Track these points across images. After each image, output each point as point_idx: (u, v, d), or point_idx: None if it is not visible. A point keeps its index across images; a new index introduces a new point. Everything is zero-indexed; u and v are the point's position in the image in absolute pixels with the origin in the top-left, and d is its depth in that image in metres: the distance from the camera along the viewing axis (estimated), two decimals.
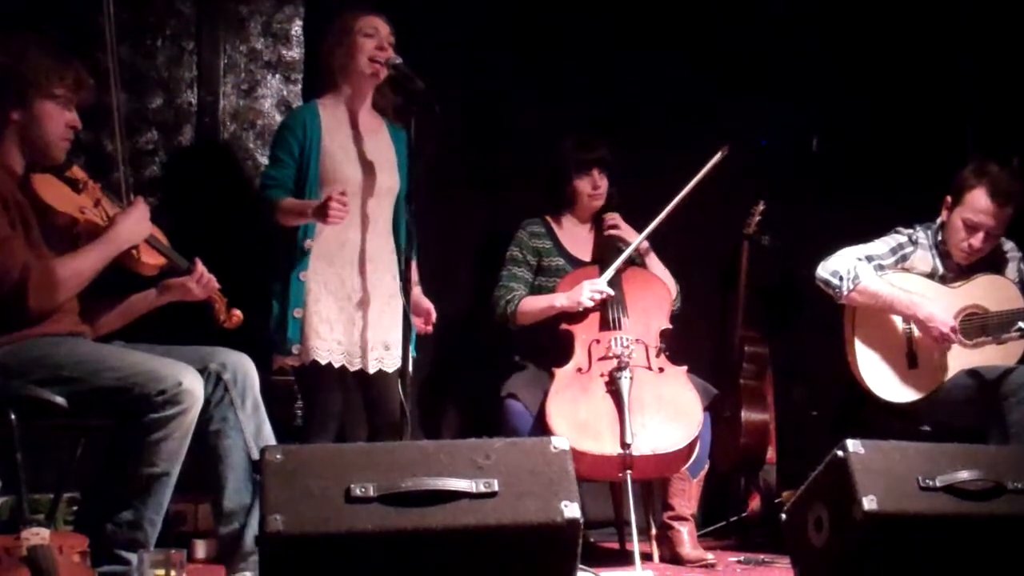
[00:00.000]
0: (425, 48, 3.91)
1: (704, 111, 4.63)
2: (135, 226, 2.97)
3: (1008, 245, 3.98)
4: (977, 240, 3.84)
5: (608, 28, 4.62)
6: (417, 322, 3.76)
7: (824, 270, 3.90)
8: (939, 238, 3.95)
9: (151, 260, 3.03)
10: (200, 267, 3.11)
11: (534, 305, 3.95)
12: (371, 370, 3.60)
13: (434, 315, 3.80)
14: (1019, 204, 3.83)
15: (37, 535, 2.45)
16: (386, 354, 3.61)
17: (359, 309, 3.60)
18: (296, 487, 2.26)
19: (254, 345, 3.15)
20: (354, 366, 3.59)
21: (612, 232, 4.04)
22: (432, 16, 4.26)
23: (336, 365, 3.56)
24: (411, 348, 3.62)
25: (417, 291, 3.78)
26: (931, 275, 3.93)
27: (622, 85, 4.58)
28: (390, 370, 3.60)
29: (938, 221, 3.96)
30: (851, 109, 4.83)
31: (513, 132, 4.41)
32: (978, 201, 3.81)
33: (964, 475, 2.64)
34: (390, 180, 3.70)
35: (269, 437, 2.93)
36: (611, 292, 3.84)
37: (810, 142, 4.79)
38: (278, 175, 3.60)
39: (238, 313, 3.22)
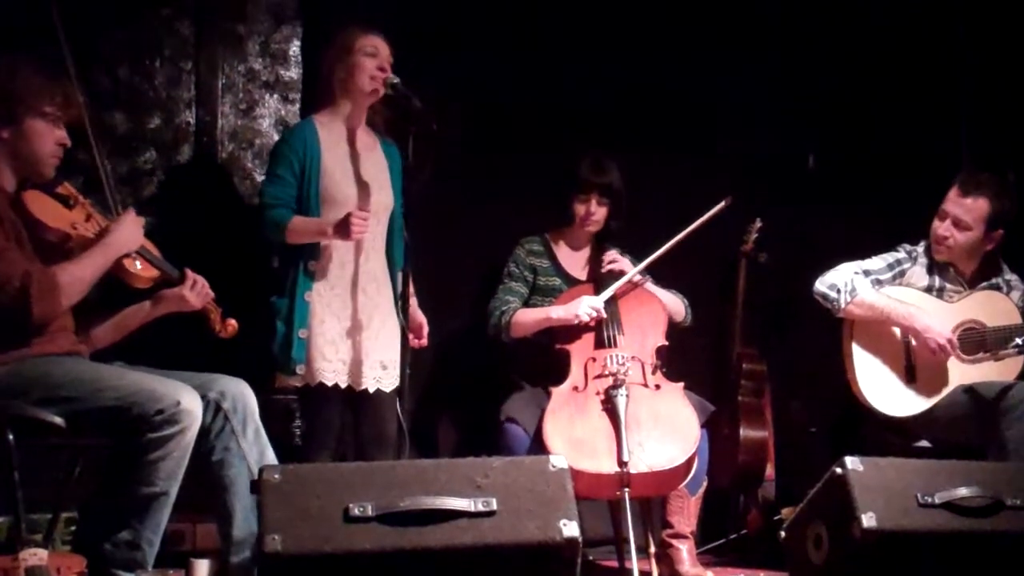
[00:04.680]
0: (423, 63, 3.91)
1: (702, 126, 4.64)
2: (129, 232, 3.00)
3: (1011, 275, 3.99)
4: (943, 228, 3.87)
5: (611, 43, 4.63)
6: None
7: (822, 284, 3.92)
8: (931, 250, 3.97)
9: (144, 272, 3.04)
10: (191, 275, 3.11)
11: (529, 317, 3.94)
12: (371, 389, 3.59)
13: (426, 328, 3.80)
14: (993, 200, 3.83)
15: (35, 555, 2.45)
16: (384, 373, 3.60)
17: (361, 329, 3.59)
18: (294, 507, 2.26)
19: (253, 365, 3.14)
20: (359, 386, 3.58)
21: (611, 267, 4.01)
22: (430, 30, 4.27)
23: (343, 385, 3.56)
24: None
25: (412, 304, 3.78)
26: (928, 290, 3.94)
27: (624, 98, 4.59)
28: (388, 389, 3.59)
29: None
30: (847, 126, 4.84)
31: (512, 150, 4.40)
32: (950, 193, 3.89)
33: (963, 492, 2.64)
34: (387, 198, 3.70)
35: (272, 463, 2.91)
36: (604, 315, 3.83)
37: (806, 160, 4.81)
38: (281, 194, 3.55)
39: (233, 322, 3.22)
